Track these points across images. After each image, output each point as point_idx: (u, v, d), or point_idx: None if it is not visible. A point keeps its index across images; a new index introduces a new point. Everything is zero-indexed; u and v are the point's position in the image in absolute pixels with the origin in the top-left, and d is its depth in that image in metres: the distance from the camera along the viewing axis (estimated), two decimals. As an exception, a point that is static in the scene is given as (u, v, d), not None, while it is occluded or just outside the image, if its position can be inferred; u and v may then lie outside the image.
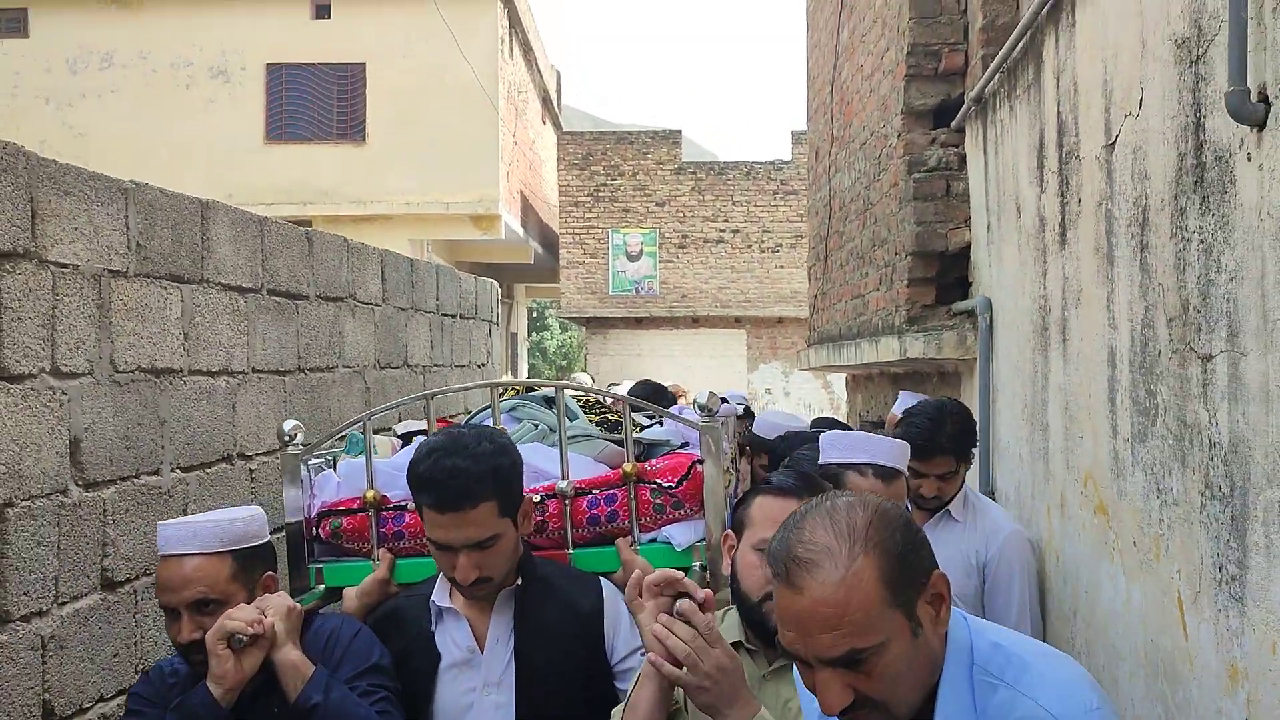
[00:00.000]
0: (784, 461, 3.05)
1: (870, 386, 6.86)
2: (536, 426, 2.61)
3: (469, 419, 2.71)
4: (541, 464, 2.41)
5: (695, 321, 22.18)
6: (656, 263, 22.24)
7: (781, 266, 22.11)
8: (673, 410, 2.90)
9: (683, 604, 1.71)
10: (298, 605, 2.16)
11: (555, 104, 26.22)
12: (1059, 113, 3.10)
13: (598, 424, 2.67)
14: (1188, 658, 2.06)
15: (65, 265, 2.69)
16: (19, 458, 2.50)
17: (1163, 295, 2.19)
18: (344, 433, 2.66)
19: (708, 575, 2.29)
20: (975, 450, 3.26)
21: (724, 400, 4.82)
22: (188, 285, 3.26)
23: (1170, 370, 2.15)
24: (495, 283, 7.14)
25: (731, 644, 1.80)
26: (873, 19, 5.57)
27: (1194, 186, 2.01)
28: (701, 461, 2.35)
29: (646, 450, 2.54)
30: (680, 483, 2.35)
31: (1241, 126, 1.74)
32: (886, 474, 2.52)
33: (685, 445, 2.55)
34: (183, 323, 3.22)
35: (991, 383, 4.21)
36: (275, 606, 2.09)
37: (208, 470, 3.33)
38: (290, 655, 2.04)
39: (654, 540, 2.37)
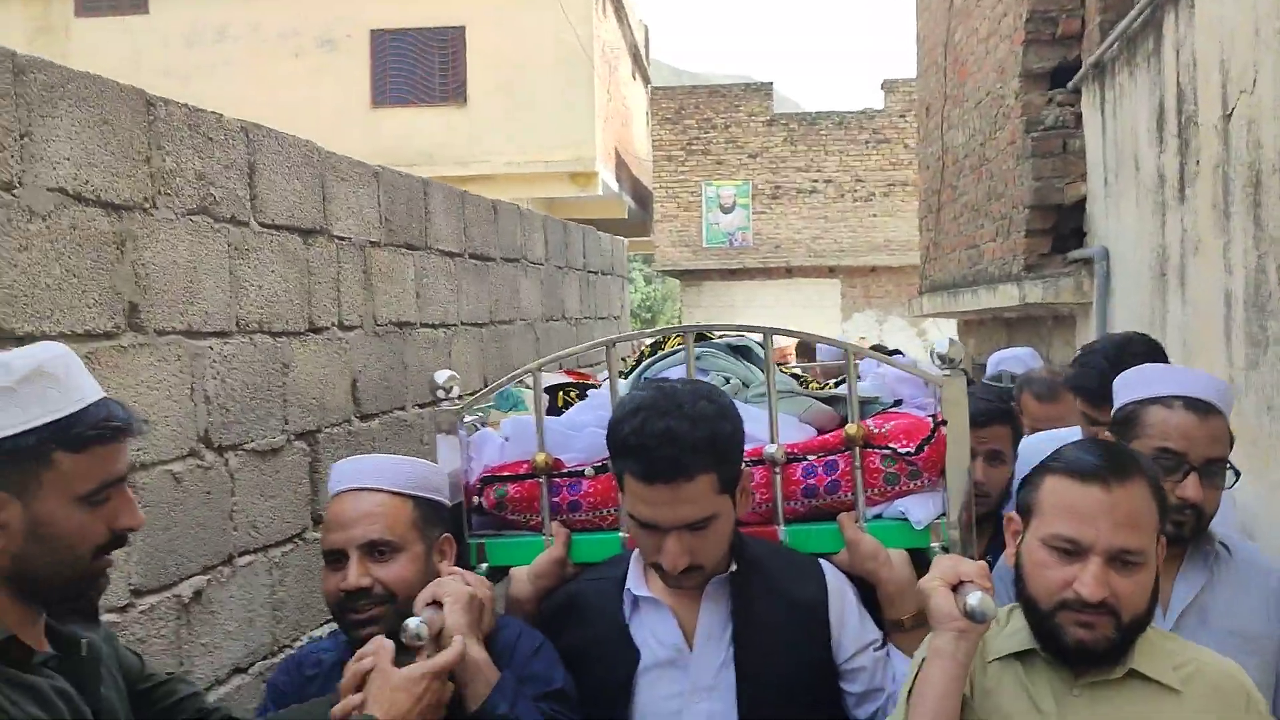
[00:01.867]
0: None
1: (982, 331, 7.27)
2: (728, 380, 2.17)
3: (645, 368, 2.27)
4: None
5: (789, 272, 22.51)
6: (750, 214, 22.57)
7: (875, 215, 22.27)
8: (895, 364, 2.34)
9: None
10: (483, 591, 1.81)
11: (644, 59, 26.54)
12: (1179, 83, 3.51)
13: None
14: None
15: (344, 238, 3.31)
16: (322, 394, 3.13)
17: (1274, 246, 2.64)
18: (506, 386, 2.25)
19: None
20: None
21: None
22: (418, 252, 3.87)
23: (1274, 308, 2.61)
24: (624, 240, 7.70)
25: (1016, 655, 1.61)
26: (989, -15, 5.93)
27: (1301, 157, 2.45)
28: (945, 423, 1.95)
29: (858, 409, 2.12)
30: (921, 447, 1.94)
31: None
32: (1200, 408, 1.95)
33: (898, 404, 2.17)
34: (415, 283, 3.83)
35: (1109, 325, 4.64)
36: (453, 594, 1.75)
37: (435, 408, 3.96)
38: (475, 652, 1.72)
39: (880, 516, 1.99)
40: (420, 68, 19.24)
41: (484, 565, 2.07)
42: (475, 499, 2.11)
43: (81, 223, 2.19)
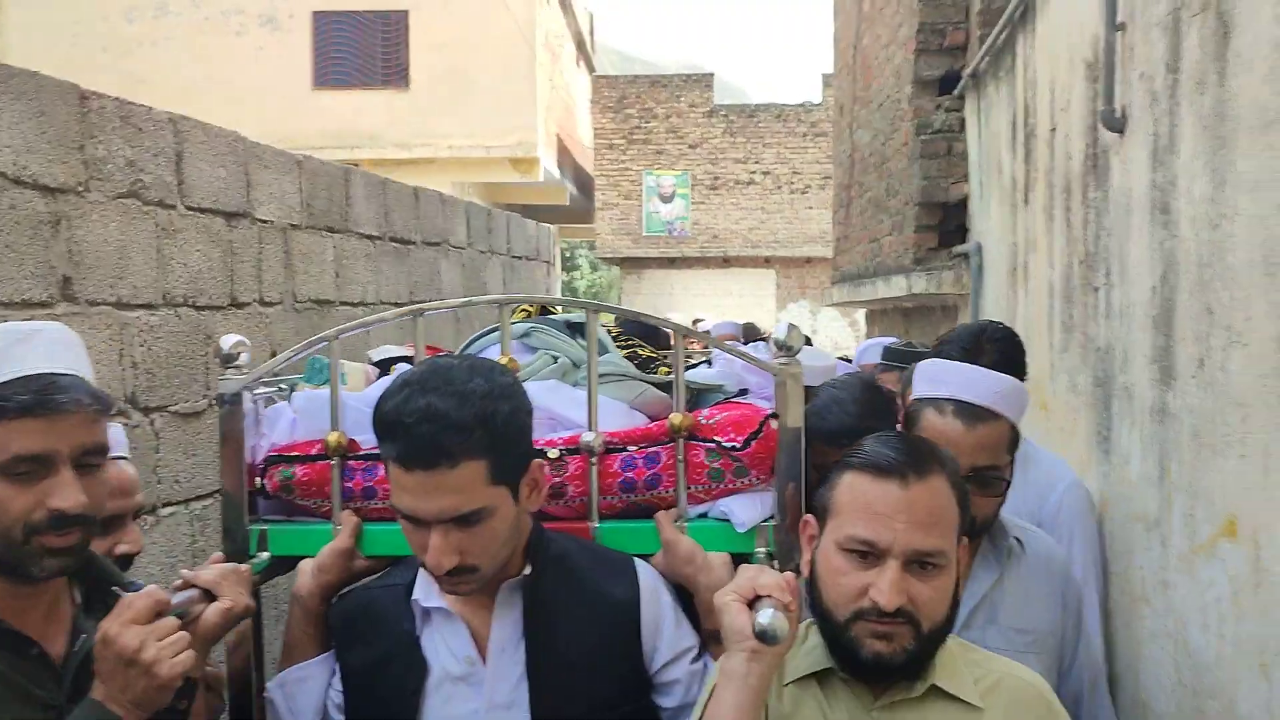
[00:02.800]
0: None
1: (884, 320, 7.72)
2: (556, 360, 1.97)
3: (466, 345, 2.09)
4: (560, 408, 1.85)
5: (726, 261, 22.94)
6: (689, 204, 22.95)
7: (811, 207, 22.77)
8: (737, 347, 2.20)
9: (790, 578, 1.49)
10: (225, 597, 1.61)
11: (589, 46, 26.76)
12: (1025, 98, 3.92)
13: (627, 360, 2.06)
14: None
15: (267, 221, 3.61)
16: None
17: (1077, 245, 3.06)
18: (304, 356, 1.95)
19: (775, 564, 1.72)
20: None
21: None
22: (339, 235, 4.17)
23: (1076, 300, 3.02)
24: (552, 227, 8.02)
25: (814, 674, 1.50)
26: (889, -4, 6.34)
27: (1091, 170, 2.86)
28: (775, 416, 1.76)
29: (694, 398, 1.94)
30: (748, 442, 1.76)
31: (1112, 133, 2.59)
32: (970, 414, 1.92)
33: (743, 393, 1.98)
34: (335, 264, 4.13)
35: (980, 314, 5.07)
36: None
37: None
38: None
39: (705, 516, 1.80)
40: (362, 50, 19.28)
41: (265, 555, 1.82)
42: (259, 480, 1.84)
43: (20, 204, 2.48)
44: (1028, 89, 3.88)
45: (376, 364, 2.20)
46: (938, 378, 2.01)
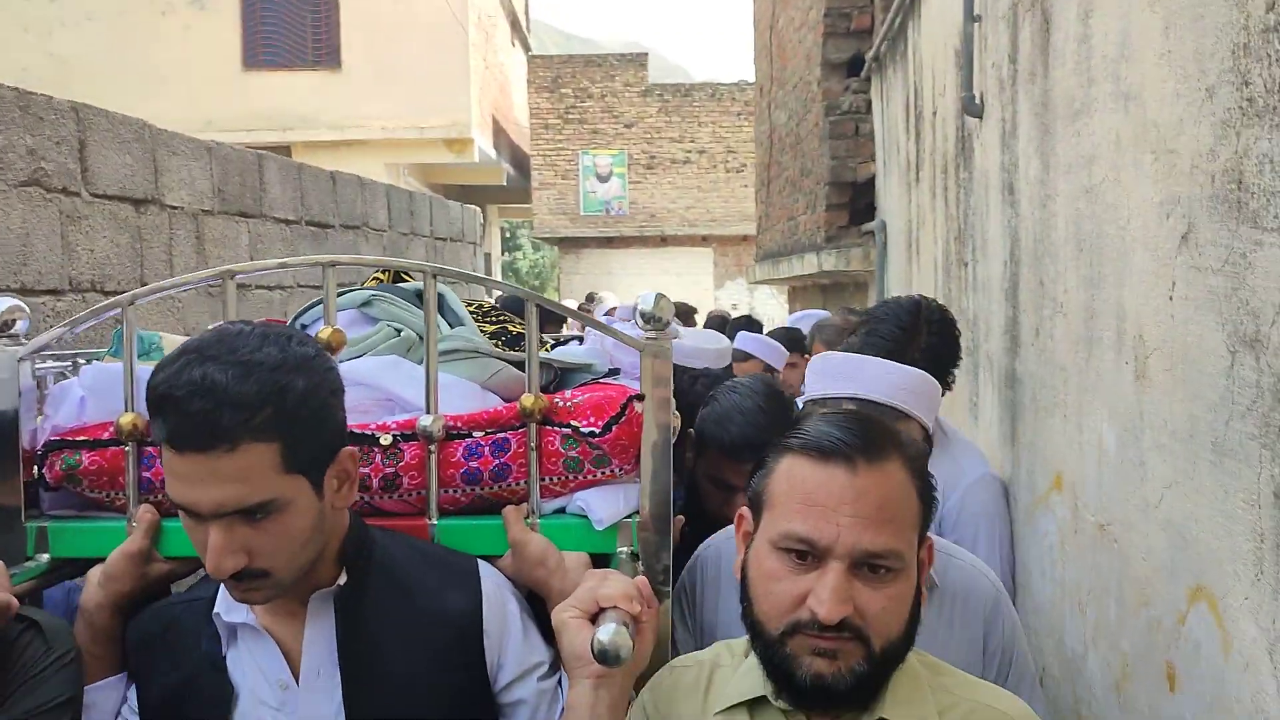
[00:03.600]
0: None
1: (804, 295, 7.92)
2: (400, 333, 1.73)
3: (299, 313, 1.83)
4: (398, 387, 1.64)
5: (664, 240, 23.09)
6: (626, 183, 23.04)
7: (746, 185, 22.94)
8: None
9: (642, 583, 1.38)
10: None
11: (524, 25, 26.66)
12: (915, 81, 4.10)
13: (493, 336, 1.85)
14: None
15: (176, 207, 3.67)
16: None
17: (950, 223, 3.24)
18: (94, 323, 1.68)
19: (640, 567, 1.55)
20: (956, 369, 2.28)
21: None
22: (253, 219, 4.23)
23: (953, 274, 3.21)
24: (478, 209, 8.09)
25: (746, 703, 1.26)
26: (800, -21, 6.50)
27: (961, 151, 3.04)
28: (641, 398, 1.57)
29: (559, 377, 1.78)
30: (608, 427, 1.56)
31: (972, 118, 2.76)
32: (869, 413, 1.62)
33: (616, 373, 1.80)
34: (249, 248, 4.20)
35: (885, 289, 5.27)
36: None
37: None
38: None
39: (563, 511, 1.60)
40: (292, 30, 19.05)
41: (44, 557, 1.58)
42: (38, 469, 1.60)
43: (-80, 193, 2.54)
44: (917, 73, 4.06)
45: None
46: (836, 373, 1.75)
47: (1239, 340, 1.23)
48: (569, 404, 1.59)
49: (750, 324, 4.87)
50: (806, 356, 3.64)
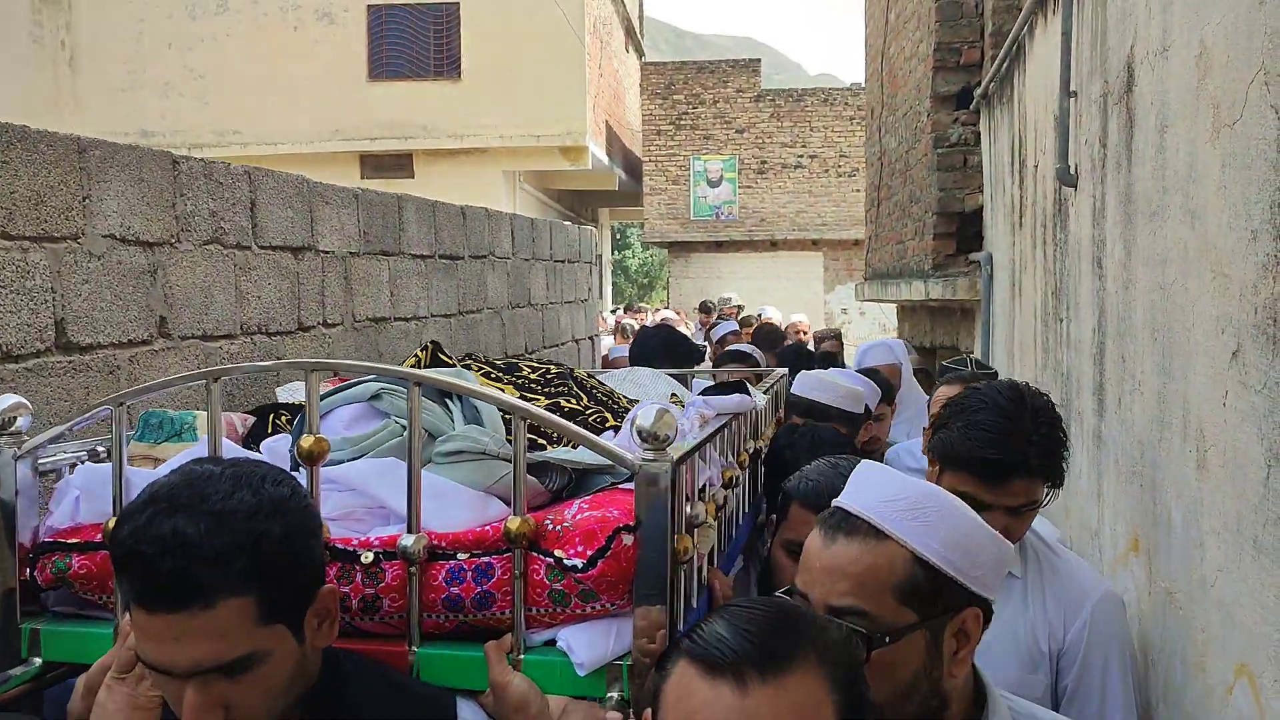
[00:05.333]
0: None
1: (913, 318, 8.03)
2: (406, 430, 1.54)
3: (304, 412, 1.60)
4: (390, 495, 1.53)
5: (773, 245, 23.18)
6: (736, 188, 23.21)
7: (858, 190, 22.85)
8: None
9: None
10: None
11: (638, 31, 27.04)
12: (1020, 128, 4.24)
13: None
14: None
15: (328, 252, 4.05)
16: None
17: (1049, 277, 3.39)
18: (86, 424, 1.66)
19: (631, 714, 1.38)
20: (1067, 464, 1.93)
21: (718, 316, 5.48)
22: (393, 258, 4.61)
23: (1050, 326, 3.36)
24: (594, 229, 8.42)
25: None
26: (911, 10, 6.63)
27: (1058, 213, 3.20)
28: (632, 529, 1.39)
29: (578, 480, 1.61)
30: (594, 561, 1.40)
31: (1066, 187, 2.93)
32: (838, 527, 1.34)
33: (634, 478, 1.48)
34: (390, 285, 4.57)
35: (991, 321, 5.40)
36: None
37: (407, 388, 4.74)
38: None
39: (554, 643, 1.46)
40: (415, 42, 19.78)
41: (37, 661, 1.56)
42: (30, 570, 1.57)
43: (125, 259, 2.94)
44: (1021, 121, 4.19)
45: (255, 411, 1.80)
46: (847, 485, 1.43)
47: (1274, 456, 1.42)
48: (559, 528, 1.43)
49: (827, 360, 4.57)
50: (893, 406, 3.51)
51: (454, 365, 1.91)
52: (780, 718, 0.99)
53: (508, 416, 1.61)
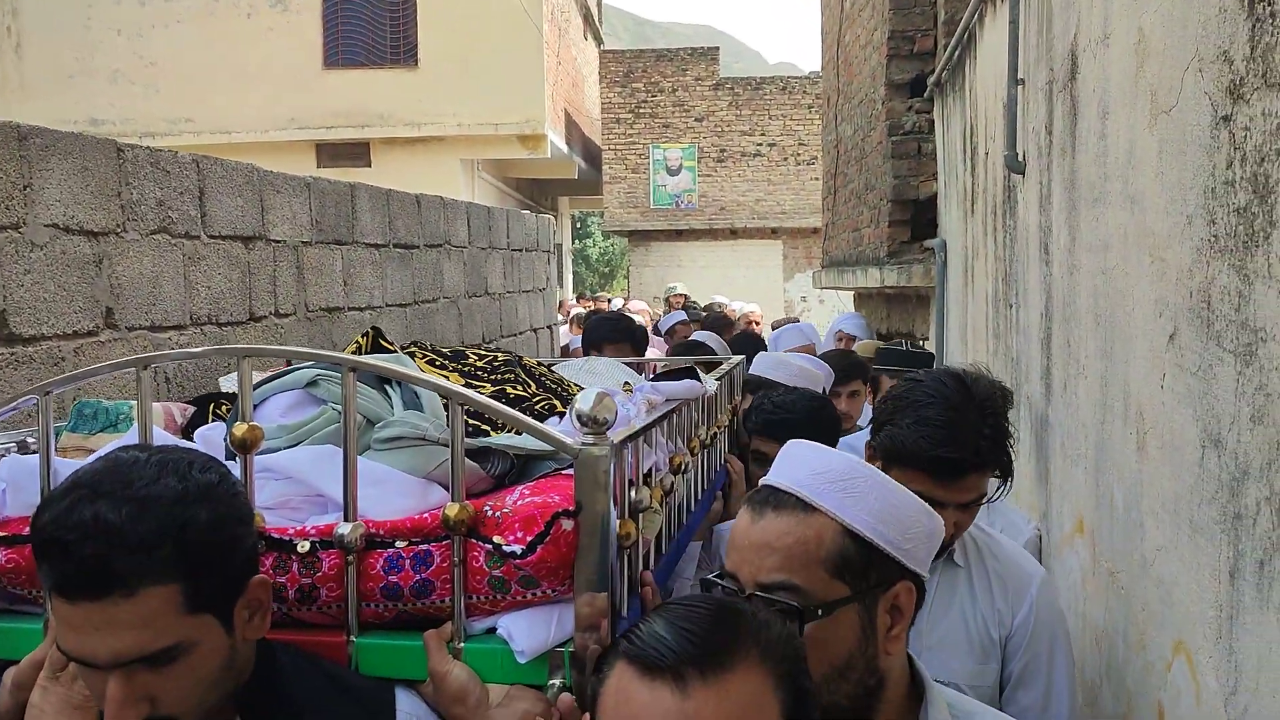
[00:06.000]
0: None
1: (870, 304, 8.08)
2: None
3: (259, 385, 1.69)
4: (327, 484, 1.51)
5: (733, 233, 23.23)
6: (696, 176, 23.22)
7: (816, 178, 22.92)
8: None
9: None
10: None
11: (596, 18, 26.93)
12: (971, 117, 4.28)
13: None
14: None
15: (280, 241, 4.01)
16: (263, 370, 3.85)
17: (999, 264, 3.43)
18: (9, 412, 1.62)
19: (563, 709, 1.36)
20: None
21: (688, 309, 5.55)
22: (346, 246, 4.57)
23: (1001, 312, 3.40)
24: (551, 218, 8.39)
25: None
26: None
27: (1007, 200, 3.23)
28: (572, 513, 1.38)
29: (521, 467, 1.60)
30: (533, 546, 1.38)
31: (1015, 174, 2.96)
32: (765, 503, 1.34)
33: None
34: (343, 274, 4.53)
35: (945, 307, 5.45)
36: None
37: (362, 378, 4.70)
38: None
39: (494, 630, 1.45)
40: (372, 30, 19.55)
41: None
42: None
43: (70, 249, 2.89)
44: (972, 109, 4.23)
45: (196, 401, 1.80)
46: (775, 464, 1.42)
47: (1207, 438, 1.45)
48: (499, 514, 1.41)
49: (749, 339, 4.52)
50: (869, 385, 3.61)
51: (395, 351, 1.86)
52: (722, 714, 0.97)
53: (497, 377, 1.65)
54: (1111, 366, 1.99)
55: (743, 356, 3.30)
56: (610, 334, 3.87)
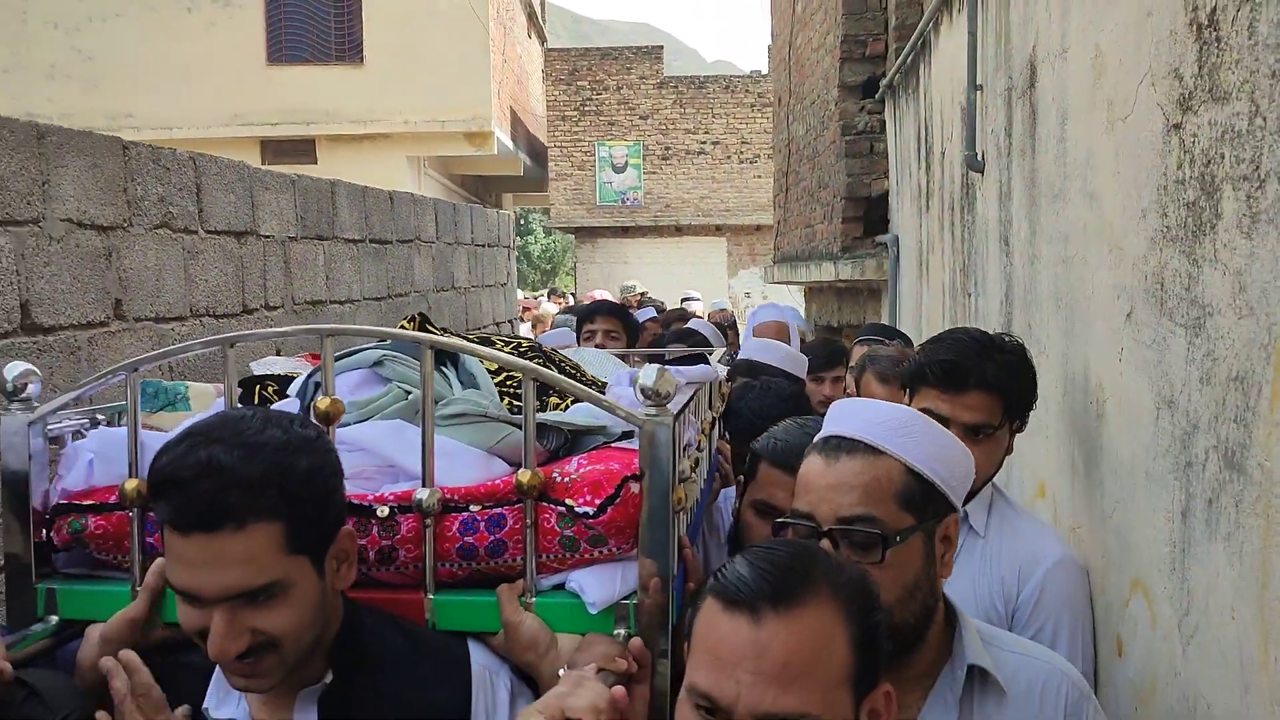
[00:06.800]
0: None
1: (821, 298, 8.37)
2: (409, 395, 1.71)
3: (309, 375, 1.80)
4: (400, 455, 1.62)
5: (678, 230, 23.52)
6: (641, 174, 23.47)
7: (759, 176, 23.34)
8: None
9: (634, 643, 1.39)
10: None
11: (540, 17, 27.03)
12: (926, 117, 4.54)
13: (517, 390, 1.74)
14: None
15: (268, 236, 4.14)
16: (254, 359, 3.98)
17: (957, 256, 3.69)
18: (99, 388, 1.71)
19: (634, 651, 1.48)
20: (1028, 414, 2.08)
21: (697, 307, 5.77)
22: (327, 241, 4.70)
23: (959, 301, 3.66)
24: (511, 213, 8.55)
25: None
26: (818, 3, 6.92)
27: (965, 197, 3.48)
28: (637, 477, 1.52)
29: (572, 440, 1.70)
30: (602, 509, 1.52)
31: (974, 173, 3.21)
32: (834, 448, 1.49)
33: (630, 435, 1.67)
34: (325, 269, 4.67)
35: (897, 298, 5.72)
36: None
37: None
38: None
39: (563, 586, 1.57)
40: (316, 26, 19.42)
41: (54, 619, 1.63)
42: (47, 531, 1.64)
43: (83, 242, 3.01)
44: (927, 110, 4.49)
45: (242, 383, 1.88)
46: (828, 418, 1.56)
47: (1161, 400, 1.69)
48: (566, 480, 1.55)
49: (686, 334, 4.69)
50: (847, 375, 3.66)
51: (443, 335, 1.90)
52: (791, 645, 1.09)
53: (511, 381, 1.80)
54: (1072, 345, 2.24)
55: (726, 348, 3.51)
56: (600, 308, 3.99)
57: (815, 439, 1.51)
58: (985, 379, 1.95)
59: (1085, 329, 2.13)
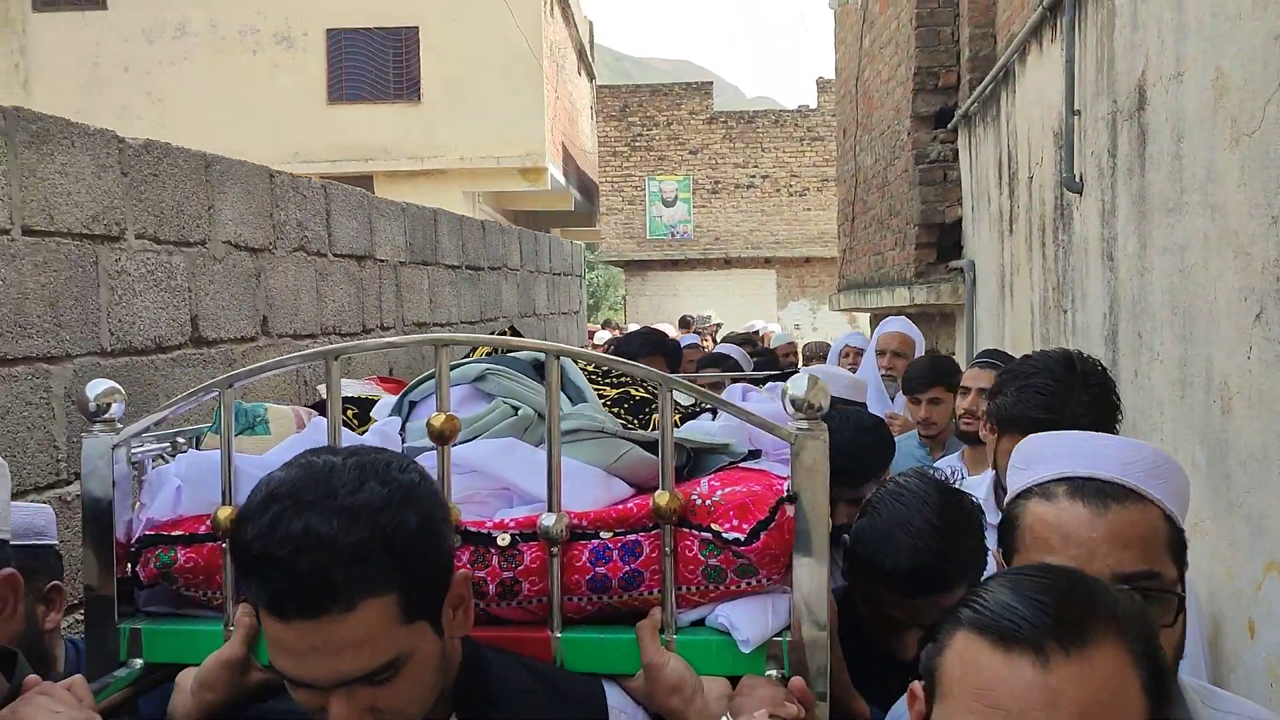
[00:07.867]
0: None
1: (888, 324, 8.51)
2: (517, 411, 1.58)
3: (411, 386, 1.70)
4: (515, 476, 1.48)
5: (728, 263, 23.71)
6: (690, 208, 23.73)
7: (809, 209, 23.54)
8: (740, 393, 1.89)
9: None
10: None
11: (589, 55, 27.54)
12: (1008, 144, 4.69)
13: (614, 404, 1.73)
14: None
15: (383, 260, 4.37)
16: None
17: (1049, 275, 3.83)
18: (190, 406, 1.54)
19: (797, 693, 1.34)
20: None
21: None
22: (430, 267, 4.93)
23: (1051, 319, 3.80)
24: (582, 244, 8.79)
25: None
26: (888, 38, 7.11)
27: (1059, 217, 3.63)
28: (794, 499, 1.37)
29: (690, 460, 1.55)
30: (755, 534, 1.36)
31: (1072, 193, 3.36)
32: (1097, 494, 1.26)
33: (756, 454, 1.58)
34: (429, 292, 4.89)
35: (974, 323, 5.85)
36: None
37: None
38: None
39: (702, 623, 1.42)
40: (375, 66, 19.98)
41: (138, 662, 1.47)
42: (131, 566, 1.48)
43: (238, 264, 3.25)
44: (1010, 138, 4.65)
45: (317, 405, 1.78)
46: (1036, 455, 1.36)
47: (1297, 391, 1.83)
48: (708, 503, 1.39)
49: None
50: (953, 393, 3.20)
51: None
52: (1089, 695, 0.91)
53: (613, 379, 1.74)
54: (1190, 349, 2.37)
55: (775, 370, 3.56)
56: (643, 346, 3.79)
57: (1047, 478, 1.29)
58: (1081, 427, 1.68)
59: (1207, 333, 2.27)
